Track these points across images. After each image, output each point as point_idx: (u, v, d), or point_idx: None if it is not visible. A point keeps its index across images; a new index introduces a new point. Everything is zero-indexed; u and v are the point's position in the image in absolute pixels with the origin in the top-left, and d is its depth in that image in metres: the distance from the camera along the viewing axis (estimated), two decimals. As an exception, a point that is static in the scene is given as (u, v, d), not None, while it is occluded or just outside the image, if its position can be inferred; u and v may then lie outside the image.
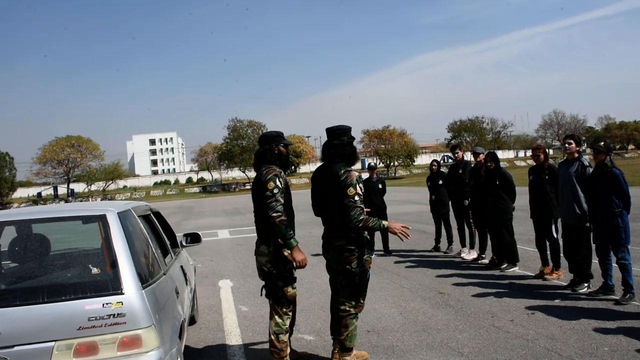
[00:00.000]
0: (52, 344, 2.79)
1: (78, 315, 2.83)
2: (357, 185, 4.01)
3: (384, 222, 4.09)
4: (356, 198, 3.98)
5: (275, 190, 3.99)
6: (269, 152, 4.24)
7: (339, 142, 4.22)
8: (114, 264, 3.01)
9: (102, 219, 3.24)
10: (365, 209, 4.02)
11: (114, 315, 2.86)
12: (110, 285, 2.94)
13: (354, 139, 4.34)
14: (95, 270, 3.13)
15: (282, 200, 4.02)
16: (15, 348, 2.76)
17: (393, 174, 76.58)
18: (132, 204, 4.02)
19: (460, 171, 9.02)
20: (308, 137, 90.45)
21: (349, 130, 4.31)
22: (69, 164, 71.82)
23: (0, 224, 3.61)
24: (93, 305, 2.85)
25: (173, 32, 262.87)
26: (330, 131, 4.30)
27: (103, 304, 2.86)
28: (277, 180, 4.03)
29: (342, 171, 4.07)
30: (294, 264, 4.04)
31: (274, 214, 3.95)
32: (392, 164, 76.96)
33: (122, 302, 2.89)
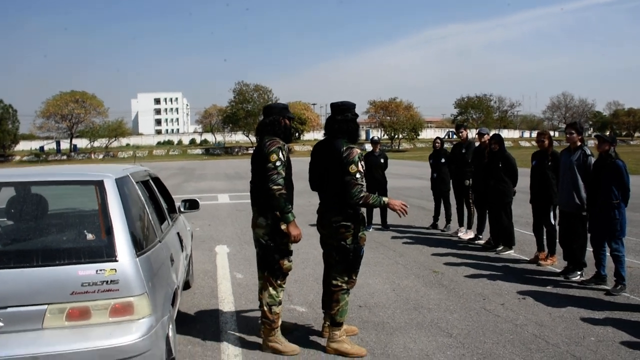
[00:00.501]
0: (45, 307, 2.82)
1: (72, 280, 2.85)
2: (359, 163, 4.01)
3: (384, 199, 4.12)
4: (357, 175, 3.98)
5: (278, 163, 3.98)
6: (276, 123, 4.22)
7: (342, 117, 4.20)
8: (109, 231, 3.02)
9: (99, 185, 3.24)
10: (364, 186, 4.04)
11: (107, 282, 2.88)
12: (105, 252, 2.96)
13: (357, 115, 4.32)
14: (90, 236, 3.14)
15: (284, 174, 4.02)
16: (8, 309, 2.78)
17: (397, 147, 76.36)
18: (131, 170, 4.02)
19: (463, 151, 8.98)
20: (314, 104, 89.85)
21: (353, 106, 4.29)
22: (72, 119, 71.70)
23: None
24: (87, 271, 2.87)
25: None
26: (334, 106, 4.28)
27: (97, 270, 2.88)
28: (280, 153, 4.02)
29: (344, 148, 4.05)
30: (290, 237, 4.07)
31: (275, 187, 3.95)
32: (396, 136, 76.67)
33: (115, 270, 2.91)
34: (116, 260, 2.93)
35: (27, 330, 2.81)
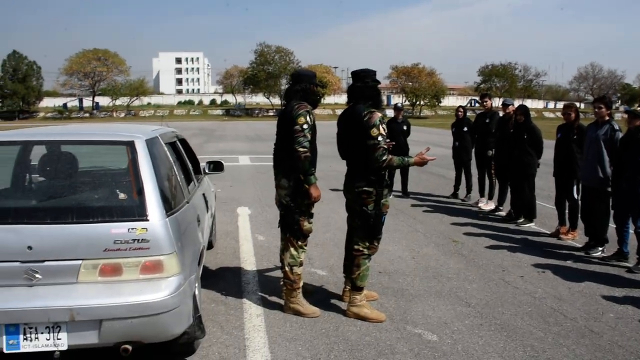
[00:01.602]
0: (80, 262, 2.93)
1: (105, 238, 2.94)
2: (380, 126, 4.02)
3: (409, 159, 4.20)
4: (379, 139, 3.99)
5: (305, 126, 4.04)
6: (308, 91, 4.28)
7: (362, 84, 4.22)
8: (140, 191, 3.09)
9: (130, 145, 3.29)
10: (389, 145, 4.05)
11: (138, 240, 2.96)
12: (136, 211, 3.03)
13: (378, 82, 4.32)
14: (122, 196, 3.21)
15: (310, 137, 4.07)
16: (46, 263, 2.90)
17: (418, 113, 75.53)
18: (160, 131, 4.07)
19: (487, 120, 8.88)
20: (335, 67, 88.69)
21: (373, 73, 4.30)
22: (94, 77, 71.90)
23: (29, 143, 3.69)
24: (119, 229, 2.96)
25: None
26: (354, 74, 4.31)
27: (128, 229, 2.97)
28: (308, 117, 4.08)
29: (365, 112, 4.07)
30: (310, 198, 4.15)
31: (301, 149, 4.00)
32: (418, 102, 75.81)
33: (146, 229, 2.99)
34: (147, 220, 3.01)
35: (63, 283, 2.92)
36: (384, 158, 4.00)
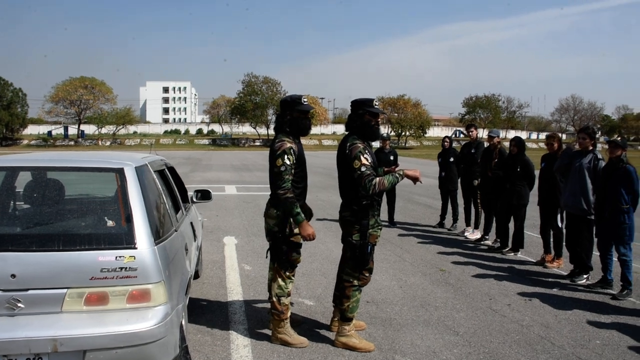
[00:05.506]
0: (65, 290, 2.88)
1: (91, 266, 2.90)
2: (362, 156, 4.00)
3: (398, 175, 4.09)
4: (362, 169, 3.96)
5: (283, 168, 3.99)
6: (280, 118, 4.22)
7: (354, 114, 4.23)
8: (129, 219, 3.07)
9: (119, 173, 3.29)
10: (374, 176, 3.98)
11: (125, 268, 2.93)
12: (124, 239, 3.01)
13: (374, 112, 4.17)
14: (110, 223, 3.19)
15: (290, 177, 4.03)
16: (30, 292, 2.84)
17: (403, 144, 76.23)
18: (149, 159, 4.07)
19: (472, 150, 8.99)
20: (322, 98, 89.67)
21: (364, 102, 4.20)
22: (81, 105, 71.77)
23: (16, 169, 3.64)
24: (106, 257, 2.92)
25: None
26: (351, 103, 4.29)
27: (116, 257, 2.93)
28: (286, 157, 4.01)
29: (348, 144, 4.09)
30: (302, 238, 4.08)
31: (280, 191, 3.99)
32: (403, 133, 76.58)
33: (134, 257, 2.96)
34: (135, 248, 2.98)
35: (47, 313, 2.87)
36: (372, 184, 3.93)
